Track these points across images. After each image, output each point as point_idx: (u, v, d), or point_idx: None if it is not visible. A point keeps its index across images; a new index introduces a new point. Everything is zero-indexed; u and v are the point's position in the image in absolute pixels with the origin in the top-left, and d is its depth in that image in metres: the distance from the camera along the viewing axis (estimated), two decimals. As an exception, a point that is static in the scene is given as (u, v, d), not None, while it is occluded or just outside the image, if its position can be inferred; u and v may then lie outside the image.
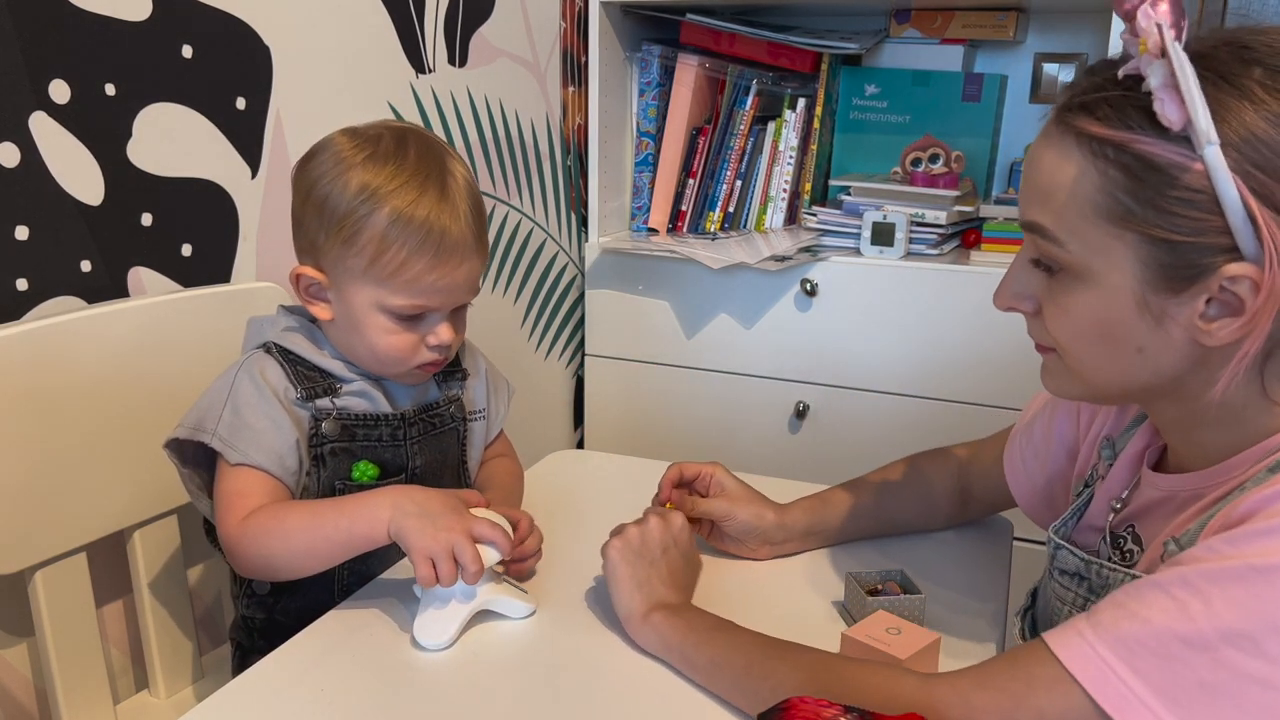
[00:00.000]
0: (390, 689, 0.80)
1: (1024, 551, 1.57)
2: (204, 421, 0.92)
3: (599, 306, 2.05)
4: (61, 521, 1.01)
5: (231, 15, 1.24)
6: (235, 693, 0.80)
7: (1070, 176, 0.68)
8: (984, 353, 1.77)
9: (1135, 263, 0.66)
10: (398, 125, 0.96)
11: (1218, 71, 0.63)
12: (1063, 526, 0.85)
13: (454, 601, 0.87)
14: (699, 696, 0.80)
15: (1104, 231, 0.67)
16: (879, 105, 2.04)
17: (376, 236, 0.90)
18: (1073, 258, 0.69)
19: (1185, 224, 0.64)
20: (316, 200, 0.93)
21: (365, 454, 0.98)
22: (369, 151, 0.92)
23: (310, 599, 0.99)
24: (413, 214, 0.90)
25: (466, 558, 0.84)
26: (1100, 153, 0.66)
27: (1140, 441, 0.82)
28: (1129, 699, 0.61)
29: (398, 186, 0.90)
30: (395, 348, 0.95)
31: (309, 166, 0.95)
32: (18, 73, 1.01)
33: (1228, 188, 0.62)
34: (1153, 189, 0.64)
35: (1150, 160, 0.64)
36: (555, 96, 1.98)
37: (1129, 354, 0.70)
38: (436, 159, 0.94)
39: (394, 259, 0.91)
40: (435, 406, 1.04)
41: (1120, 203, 0.65)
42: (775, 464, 1.93)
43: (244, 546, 0.89)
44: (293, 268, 0.97)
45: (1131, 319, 0.68)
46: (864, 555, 1.04)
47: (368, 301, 0.93)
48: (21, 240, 1.03)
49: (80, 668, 1.04)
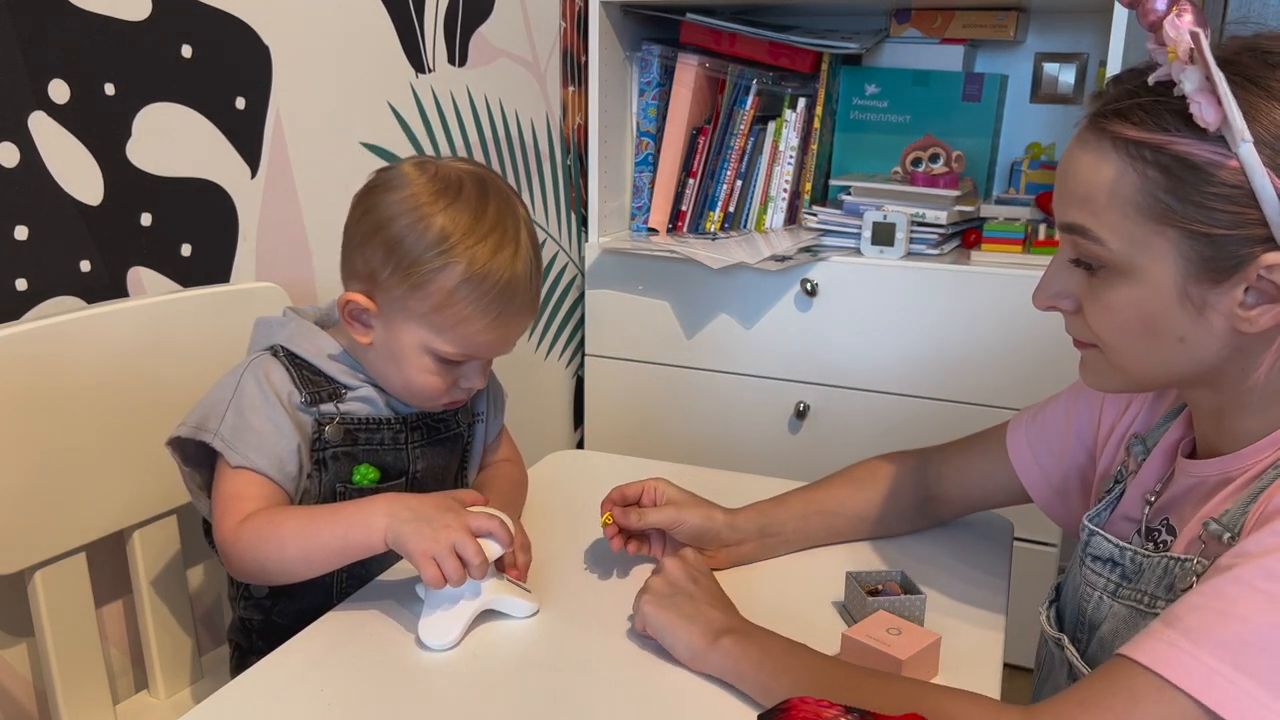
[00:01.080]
0: (389, 690, 0.80)
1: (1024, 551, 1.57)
2: (207, 421, 0.93)
3: (599, 306, 2.05)
4: (61, 521, 1.00)
5: (231, 15, 1.24)
6: (234, 693, 0.80)
7: (1108, 178, 0.71)
8: (984, 353, 1.77)
9: (1176, 257, 0.70)
10: (476, 171, 0.95)
11: (1245, 75, 0.67)
12: (1097, 516, 0.86)
13: (461, 601, 0.87)
14: (700, 697, 0.80)
15: (1145, 229, 0.70)
16: (879, 105, 2.04)
17: (446, 289, 0.90)
18: (1114, 255, 0.72)
19: (1224, 218, 0.67)
20: (388, 238, 0.91)
21: (367, 457, 0.98)
22: (450, 200, 0.91)
23: (308, 602, 0.99)
24: (485, 274, 0.90)
25: (469, 552, 0.84)
26: (1138, 155, 0.69)
27: (1175, 434, 0.84)
28: (1241, 699, 0.62)
29: (475, 243, 0.90)
30: (431, 387, 0.96)
31: (382, 200, 0.92)
32: (18, 73, 1.01)
33: (1263, 182, 0.66)
34: (1191, 186, 0.68)
35: (1188, 160, 0.68)
36: (555, 96, 1.98)
37: (1171, 344, 0.73)
38: (513, 213, 0.94)
39: (458, 314, 0.91)
40: (437, 411, 1.04)
41: (1160, 201, 0.69)
42: (775, 464, 1.93)
43: (239, 551, 0.89)
44: (343, 294, 0.95)
45: (1174, 310, 0.71)
46: (864, 555, 1.04)
47: (416, 342, 0.93)
48: (21, 240, 1.03)
49: (80, 668, 1.03)
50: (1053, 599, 0.91)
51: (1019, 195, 1.99)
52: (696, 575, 0.88)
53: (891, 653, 0.79)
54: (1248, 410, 0.74)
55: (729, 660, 0.80)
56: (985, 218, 1.88)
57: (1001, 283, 1.73)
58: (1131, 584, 0.79)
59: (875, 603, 0.88)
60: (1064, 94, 2.02)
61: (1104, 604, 0.81)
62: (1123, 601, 0.80)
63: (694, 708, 0.79)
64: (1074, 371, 0.82)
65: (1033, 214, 1.86)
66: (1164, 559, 0.76)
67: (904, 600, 0.89)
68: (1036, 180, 1.97)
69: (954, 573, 1.00)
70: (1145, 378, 0.77)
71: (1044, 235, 1.80)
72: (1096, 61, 1.98)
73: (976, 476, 1.02)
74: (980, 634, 0.90)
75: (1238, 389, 0.74)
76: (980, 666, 0.84)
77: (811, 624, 0.90)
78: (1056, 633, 0.86)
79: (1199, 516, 0.75)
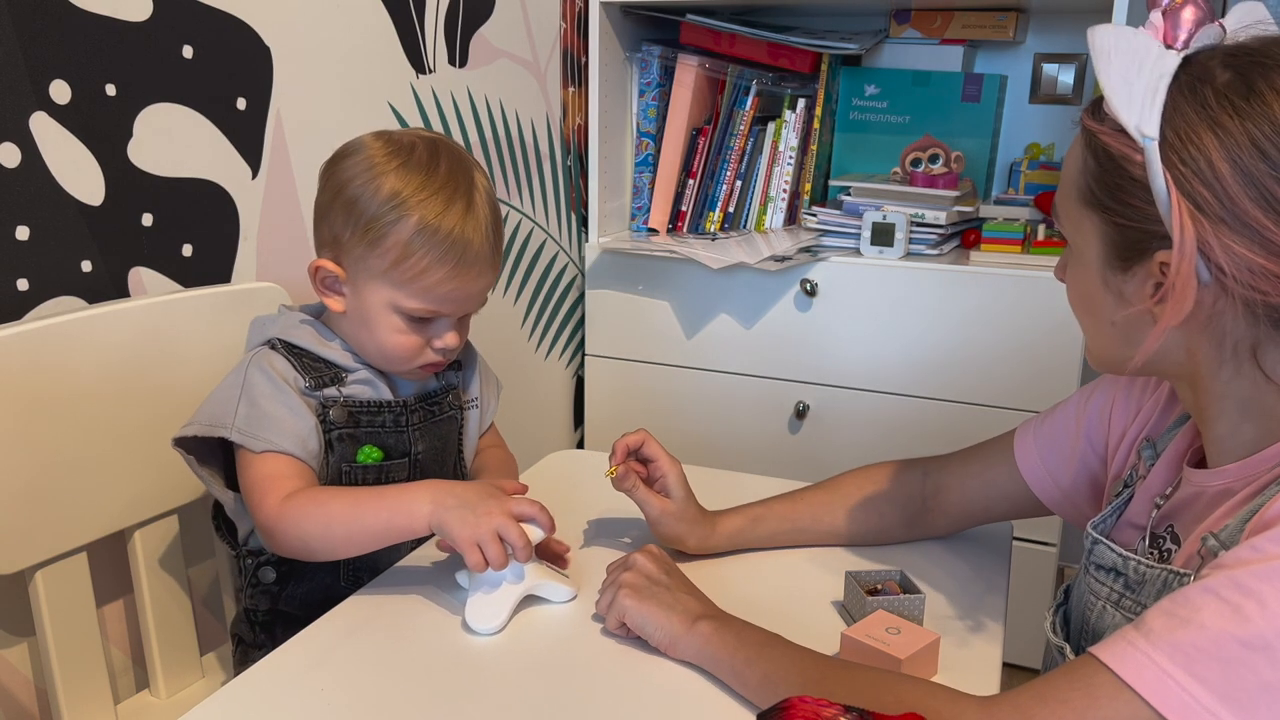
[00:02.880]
0: (390, 689, 0.80)
1: (1024, 551, 1.57)
2: (220, 417, 0.94)
3: (599, 306, 2.05)
4: (61, 521, 1.01)
5: (231, 15, 1.24)
6: (235, 692, 0.80)
7: (1070, 163, 0.76)
8: (983, 353, 1.77)
9: (1097, 240, 0.74)
10: (430, 136, 0.99)
11: (1195, 75, 0.68)
12: (1102, 523, 0.86)
13: (504, 585, 0.89)
14: (700, 697, 0.80)
15: (1080, 211, 0.75)
16: (879, 105, 2.04)
17: (401, 242, 0.93)
18: (1066, 234, 0.78)
19: (1130, 211, 0.71)
20: (346, 199, 0.95)
21: (370, 439, 1.01)
22: (402, 159, 0.95)
23: (317, 584, 1.02)
24: (438, 225, 0.93)
25: (513, 536, 0.86)
26: (1087, 142, 0.74)
27: (1183, 441, 0.83)
28: (1191, 706, 0.62)
29: (427, 197, 0.94)
30: (402, 346, 0.98)
31: (341, 166, 0.97)
32: (18, 73, 1.01)
33: (1159, 182, 0.68)
34: (1110, 176, 0.71)
35: (1108, 150, 0.71)
36: (555, 97, 1.98)
37: (1105, 327, 0.76)
38: (465, 174, 0.97)
39: (415, 265, 0.94)
40: (434, 395, 1.07)
41: (1089, 186, 0.73)
42: (775, 464, 1.93)
43: (284, 527, 0.91)
44: (312, 260, 0.99)
45: (1100, 293, 0.75)
46: (864, 555, 1.04)
47: (382, 301, 0.96)
48: (22, 240, 1.04)
49: (80, 668, 1.04)
50: (1060, 603, 0.91)
51: (1018, 196, 1.99)
52: (668, 568, 0.90)
53: (891, 652, 0.79)
54: (1232, 417, 0.74)
55: (707, 645, 0.82)
56: (984, 218, 1.88)
57: (1001, 283, 1.74)
58: (1133, 595, 0.79)
59: (874, 602, 0.88)
60: (1063, 94, 2.02)
61: (1106, 613, 0.81)
62: (1124, 612, 0.79)
63: (694, 708, 0.79)
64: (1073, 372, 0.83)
65: (1032, 214, 1.86)
66: (1164, 572, 0.76)
67: (903, 600, 0.89)
68: (1036, 181, 1.97)
69: (953, 573, 1.00)
70: (1103, 356, 0.79)
71: (1043, 236, 1.80)
72: (1096, 62, 1.98)
73: (979, 484, 1.00)
74: (979, 634, 0.90)
75: (1210, 391, 0.74)
76: (979, 666, 0.85)
77: (811, 623, 0.90)
78: (1059, 641, 0.86)
79: (1199, 530, 0.74)
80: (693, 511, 1.01)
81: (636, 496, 1.00)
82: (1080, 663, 0.68)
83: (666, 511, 1.00)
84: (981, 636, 0.90)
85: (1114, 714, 0.64)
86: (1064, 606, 0.90)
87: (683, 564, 0.96)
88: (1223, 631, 0.62)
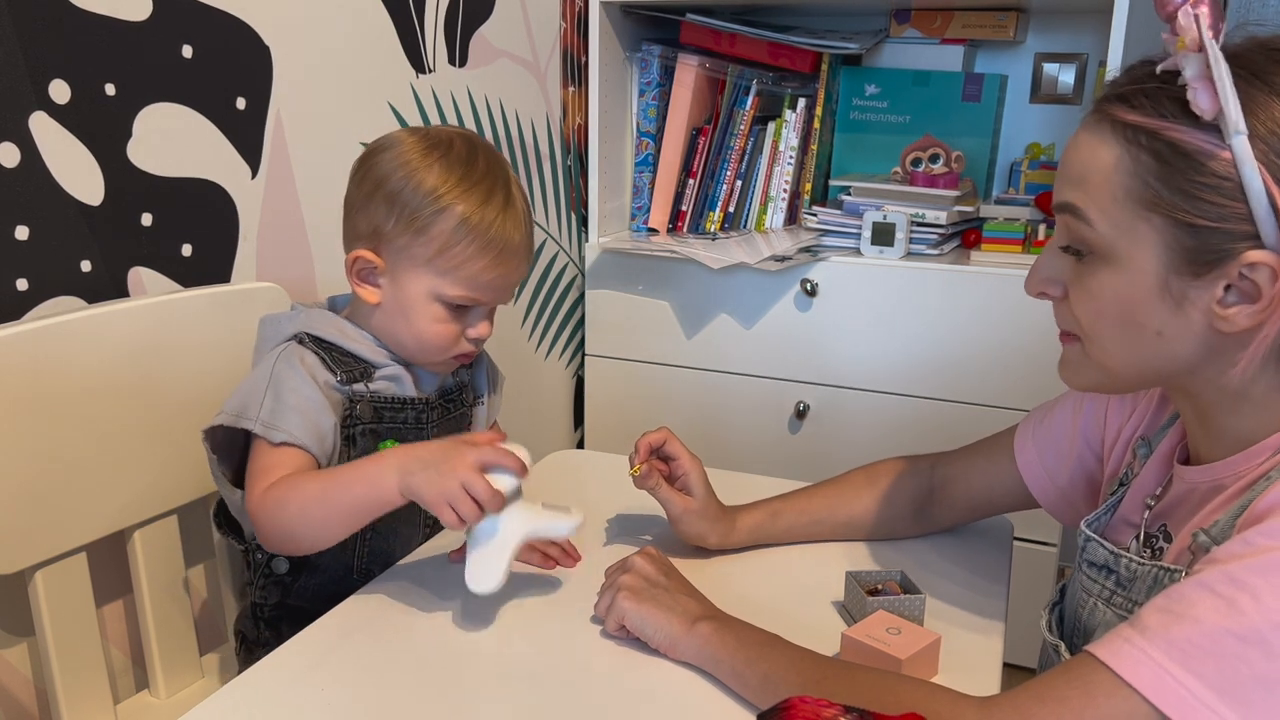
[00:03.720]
0: (390, 689, 0.80)
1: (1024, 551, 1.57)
2: (247, 409, 0.94)
3: (599, 306, 2.05)
4: (61, 521, 1.01)
5: (231, 15, 1.24)
6: (235, 692, 0.80)
7: (1104, 161, 0.71)
8: (983, 353, 1.77)
9: (1160, 245, 0.69)
10: (464, 132, 1.02)
11: (1250, 69, 0.66)
12: (1095, 521, 0.86)
13: (494, 539, 0.87)
14: (701, 698, 0.80)
15: (1132, 214, 0.70)
16: (879, 105, 2.04)
17: (447, 231, 0.95)
18: (1101, 238, 0.72)
19: (1210, 209, 0.67)
20: (388, 192, 0.96)
21: (390, 434, 1.02)
22: (441, 153, 0.97)
23: (329, 576, 1.02)
24: (480, 218, 0.96)
25: (479, 489, 0.85)
26: (1134, 139, 0.69)
27: (1173, 438, 0.83)
28: (1189, 701, 0.62)
29: (467, 190, 0.96)
30: (440, 335, 1.00)
31: (378, 160, 0.98)
32: (18, 73, 1.01)
33: (1253, 176, 0.65)
34: (1181, 174, 0.67)
35: (1180, 146, 0.67)
36: (555, 96, 1.98)
37: (1148, 337, 0.72)
38: (501, 168, 1.00)
39: (460, 254, 0.96)
40: (452, 392, 1.08)
41: (1149, 186, 0.69)
42: (775, 464, 1.93)
43: (263, 517, 0.91)
44: (350, 253, 0.99)
45: (1153, 301, 0.71)
46: (864, 555, 1.04)
47: (424, 289, 0.98)
48: (21, 240, 1.03)
49: (80, 668, 1.04)
50: (1055, 601, 0.91)
51: (1019, 195, 1.99)
52: (666, 569, 0.91)
53: (891, 652, 0.79)
54: (1226, 414, 0.74)
55: (706, 646, 0.82)
56: (985, 218, 1.88)
57: (1001, 283, 1.73)
58: (1125, 592, 0.79)
59: (875, 602, 0.88)
60: (1064, 94, 2.02)
61: (1099, 610, 0.81)
62: (1115, 609, 0.80)
63: (694, 709, 0.79)
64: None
65: (1032, 214, 1.86)
66: (1155, 568, 0.76)
67: (903, 600, 0.89)
68: (1036, 180, 1.97)
69: (954, 573, 1.00)
70: (1122, 372, 0.75)
71: (1043, 235, 1.80)
72: (1096, 62, 1.98)
73: (981, 478, 1.02)
74: (980, 634, 0.90)
75: (1215, 391, 0.73)
76: (980, 666, 0.85)
77: (811, 624, 0.90)
78: (1055, 639, 0.86)
79: (1189, 526, 0.74)
80: (714, 509, 1.02)
81: (659, 495, 1.01)
82: (1077, 661, 0.68)
83: (689, 509, 1.01)
84: (982, 637, 0.89)
85: (1112, 711, 0.64)
86: (1059, 605, 0.91)
87: (682, 564, 0.96)
88: (1218, 626, 0.62)
